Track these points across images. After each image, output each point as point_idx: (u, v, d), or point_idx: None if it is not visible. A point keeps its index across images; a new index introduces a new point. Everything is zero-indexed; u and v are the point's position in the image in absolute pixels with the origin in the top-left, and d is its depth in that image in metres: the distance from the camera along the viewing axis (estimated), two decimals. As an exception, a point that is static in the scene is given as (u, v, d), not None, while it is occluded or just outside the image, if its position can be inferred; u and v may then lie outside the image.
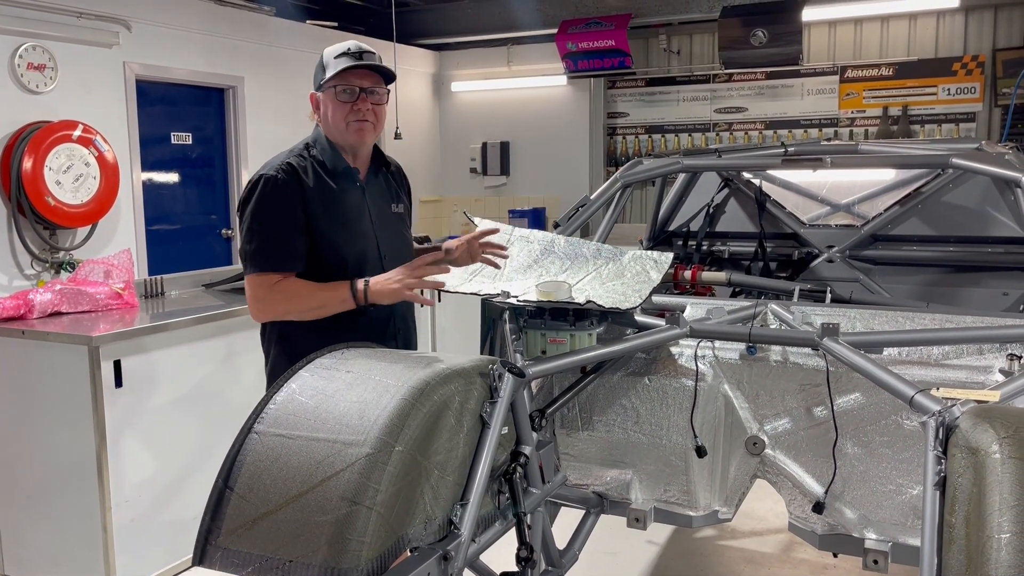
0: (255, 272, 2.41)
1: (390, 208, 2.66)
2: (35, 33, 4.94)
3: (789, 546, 4.08)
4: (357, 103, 2.46)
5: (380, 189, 2.65)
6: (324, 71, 2.48)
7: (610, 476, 2.77)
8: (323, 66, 2.49)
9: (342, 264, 2.46)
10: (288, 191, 2.40)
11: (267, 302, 2.42)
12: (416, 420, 1.88)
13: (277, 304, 2.42)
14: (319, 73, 2.51)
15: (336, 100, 2.47)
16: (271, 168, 2.44)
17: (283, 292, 2.40)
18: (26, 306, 3.77)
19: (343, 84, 2.46)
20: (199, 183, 6.46)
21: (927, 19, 7.29)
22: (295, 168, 2.44)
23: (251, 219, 2.42)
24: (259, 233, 2.40)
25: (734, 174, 4.26)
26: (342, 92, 2.46)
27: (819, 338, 2.37)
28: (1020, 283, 3.66)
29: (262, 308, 2.45)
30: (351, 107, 2.46)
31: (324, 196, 2.47)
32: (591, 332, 2.57)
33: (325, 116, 2.52)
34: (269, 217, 2.40)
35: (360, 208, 2.55)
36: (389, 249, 2.59)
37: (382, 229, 2.59)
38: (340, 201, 2.50)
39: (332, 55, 2.48)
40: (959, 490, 1.59)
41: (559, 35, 7.76)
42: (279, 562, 1.76)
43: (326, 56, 2.50)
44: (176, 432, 3.86)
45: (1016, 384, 2.02)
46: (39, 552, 3.75)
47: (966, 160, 3.00)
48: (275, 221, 2.40)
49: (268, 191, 2.40)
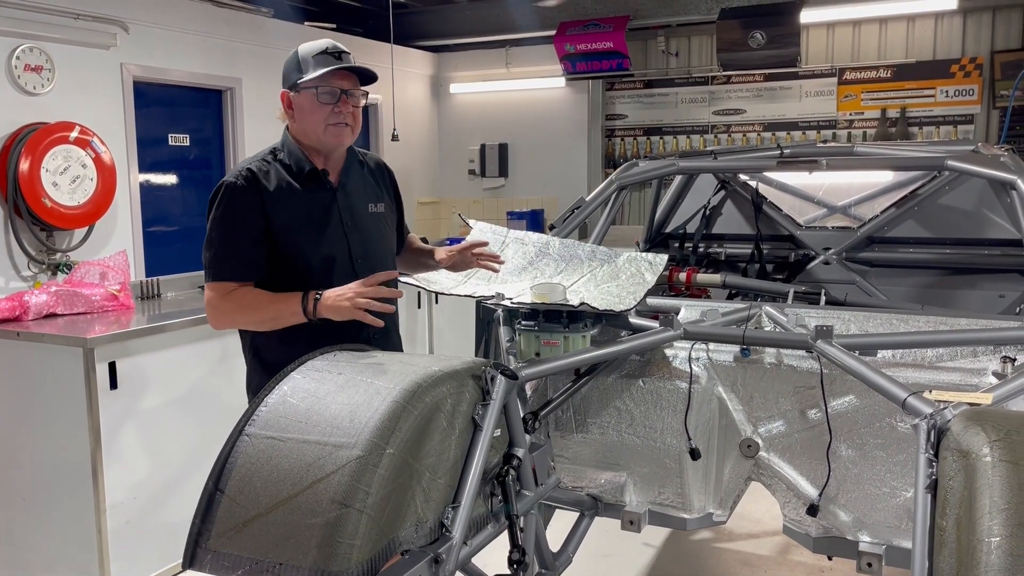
0: (210, 280, 2.39)
1: (366, 209, 2.58)
2: (32, 35, 4.93)
3: (786, 549, 4.08)
4: (338, 106, 2.41)
5: (355, 190, 2.57)
6: (300, 70, 2.42)
7: (604, 478, 2.77)
8: (299, 65, 2.43)
9: (307, 269, 2.41)
10: (246, 198, 2.37)
11: (221, 311, 2.39)
12: (407, 423, 1.88)
13: (230, 314, 2.39)
14: (293, 72, 2.44)
15: (316, 102, 2.41)
16: (232, 174, 2.41)
17: (237, 302, 2.36)
18: (21, 308, 3.77)
19: (325, 86, 2.40)
20: (197, 185, 6.45)
21: (925, 21, 7.29)
22: (255, 174, 2.40)
23: (210, 226, 2.40)
24: (216, 241, 2.38)
25: (731, 176, 4.25)
26: (324, 94, 2.40)
27: (813, 340, 2.36)
28: (1016, 285, 3.66)
29: (217, 317, 2.42)
30: (331, 109, 2.41)
31: (288, 200, 2.42)
32: (585, 334, 2.57)
33: (300, 117, 2.46)
34: (225, 225, 2.37)
35: (329, 211, 2.48)
36: (363, 252, 2.52)
37: (355, 232, 2.51)
38: (306, 204, 2.45)
39: (309, 53, 2.43)
40: (950, 493, 1.59)
41: (557, 37, 7.76)
42: (269, 565, 1.75)
43: (302, 54, 2.44)
44: (171, 434, 3.86)
45: (1009, 387, 2.02)
46: (34, 554, 3.74)
47: (961, 162, 3.00)
48: (231, 229, 2.37)
49: (227, 198, 2.38)
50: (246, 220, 2.37)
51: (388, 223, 2.67)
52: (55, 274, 4.98)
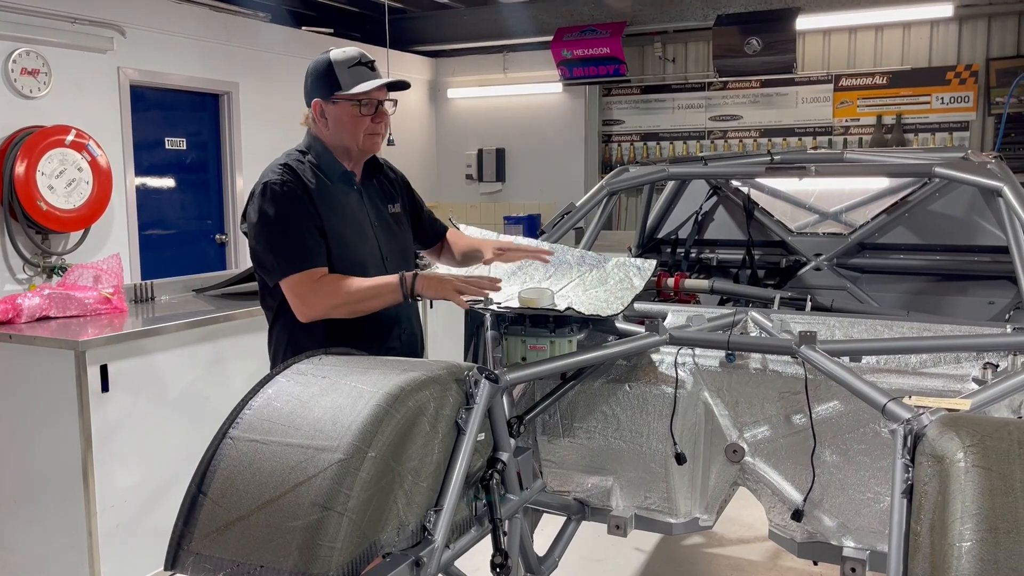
0: (293, 273, 2.36)
1: (387, 209, 2.67)
2: (29, 38, 4.96)
3: (776, 554, 4.08)
4: (377, 116, 2.49)
5: (376, 191, 2.66)
6: (337, 81, 2.45)
7: (591, 483, 2.77)
8: (334, 75, 2.45)
9: (349, 266, 2.45)
10: (297, 193, 2.40)
11: (316, 296, 2.36)
12: (390, 426, 1.89)
13: (327, 298, 2.36)
14: (327, 81, 2.47)
15: (357, 114, 2.47)
16: (273, 174, 2.43)
17: (331, 285, 2.36)
18: (14, 310, 3.78)
19: (367, 99, 2.47)
20: (193, 188, 6.48)
21: (921, 28, 7.32)
22: (296, 171, 2.44)
23: (267, 227, 2.38)
24: (282, 236, 2.37)
25: (723, 182, 4.27)
26: (365, 106, 2.47)
27: (797, 346, 2.37)
28: (1006, 292, 3.67)
29: (310, 304, 2.38)
30: (371, 120, 2.49)
31: (328, 200, 2.47)
32: (571, 339, 2.57)
33: (337, 126, 2.49)
34: (286, 219, 2.38)
35: (360, 211, 2.56)
36: (390, 250, 2.60)
37: (381, 231, 2.60)
38: (342, 204, 2.51)
39: (345, 65, 2.46)
40: (925, 498, 1.60)
41: (554, 42, 7.80)
42: (250, 567, 1.76)
43: (336, 64, 2.46)
44: (162, 437, 3.86)
45: (988, 393, 2.03)
46: (24, 557, 3.75)
47: (948, 169, 3.01)
48: (294, 221, 2.38)
49: (278, 196, 2.39)
50: (303, 213, 2.39)
51: (406, 222, 2.75)
52: (50, 277, 5.01)
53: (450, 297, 2.37)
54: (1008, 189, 2.86)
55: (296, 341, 2.50)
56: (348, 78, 2.45)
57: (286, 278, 2.38)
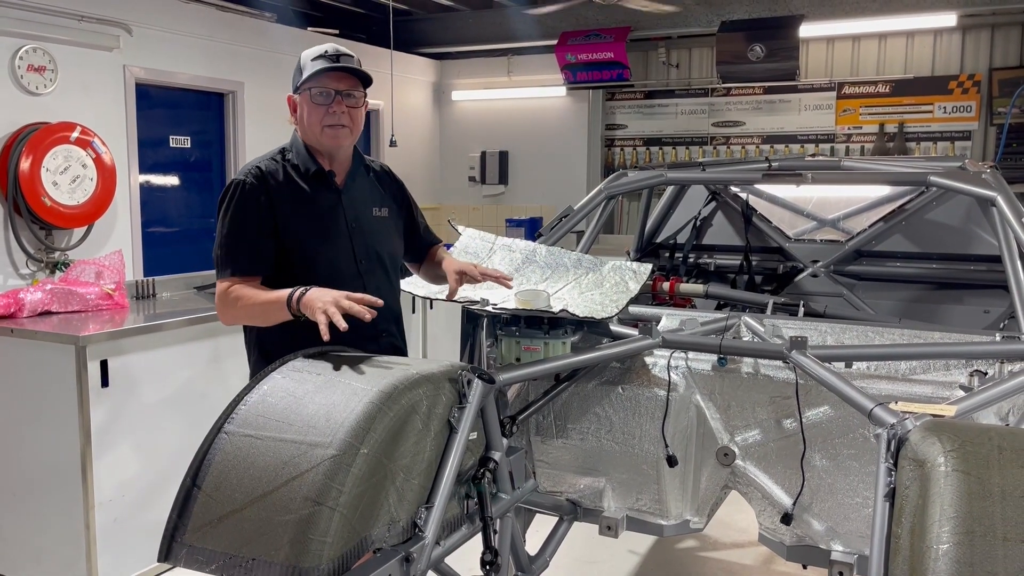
0: (219, 277, 2.44)
1: (371, 212, 2.62)
2: (36, 35, 4.99)
3: (769, 559, 4.10)
4: (332, 106, 2.45)
5: (361, 193, 2.62)
6: (301, 73, 2.49)
7: (583, 484, 2.80)
8: (300, 68, 2.50)
9: (311, 268, 2.44)
10: (254, 194, 2.42)
11: (222, 305, 2.43)
12: (382, 423, 1.92)
13: (228, 308, 2.41)
14: (296, 75, 2.51)
15: (311, 103, 2.46)
16: (241, 173, 2.47)
17: (233, 295, 2.39)
18: (16, 305, 3.81)
19: (318, 87, 2.45)
20: (197, 187, 6.50)
21: (924, 37, 7.33)
22: (263, 172, 2.46)
23: (220, 223, 2.45)
24: (224, 237, 2.43)
25: (721, 188, 4.29)
26: (318, 95, 2.45)
27: (788, 351, 2.40)
28: (1001, 301, 3.68)
29: (223, 312, 2.45)
30: (326, 110, 2.45)
31: (294, 199, 2.47)
32: (565, 340, 2.60)
33: (301, 119, 2.52)
34: (233, 221, 2.42)
35: (335, 212, 2.53)
36: (366, 254, 2.56)
37: (359, 233, 2.55)
38: (312, 204, 2.50)
39: (309, 57, 2.49)
40: (906, 501, 1.62)
41: (558, 46, 7.82)
42: (242, 560, 1.79)
43: (303, 58, 2.51)
44: (161, 433, 3.90)
45: (973, 400, 2.05)
46: (22, 549, 3.78)
47: (944, 178, 3.04)
48: (239, 225, 2.42)
49: (236, 196, 2.43)
50: (254, 216, 2.42)
51: (394, 228, 2.71)
52: (53, 272, 5.03)
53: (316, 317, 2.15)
54: (1002, 199, 2.88)
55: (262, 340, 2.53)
56: (309, 68, 2.46)
57: (216, 280, 2.45)
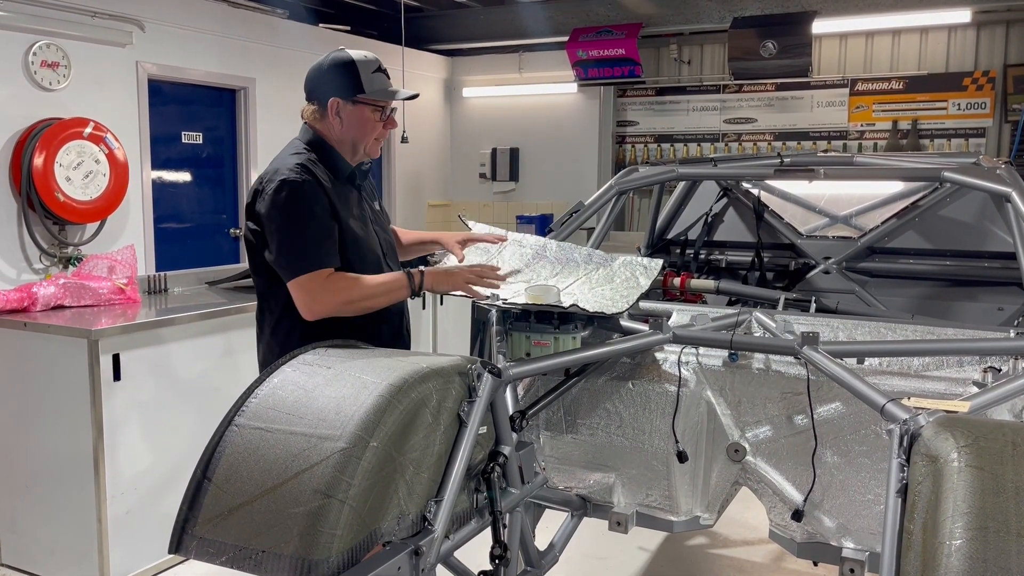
0: (304, 272, 2.38)
1: (376, 205, 2.75)
2: (49, 31, 5.02)
3: (779, 556, 4.09)
4: (387, 124, 2.59)
5: (368, 190, 2.73)
6: (359, 82, 2.49)
7: (593, 479, 2.80)
8: (358, 76, 2.50)
9: (361, 264, 2.51)
10: (314, 191, 2.43)
11: (326, 293, 2.38)
12: (392, 417, 1.92)
13: (338, 295, 2.39)
14: (349, 81, 2.50)
15: (374, 118, 2.55)
16: (288, 172, 2.43)
17: (342, 282, 2.40)
18: (29, 299, 3.84)
19: (382, 105, 2.57)
20: (209, 182, 6.53)
21: (938, 34, 7.28)
22: (310, 170, 2.46)
23: (287, 224, 2.40)
24: (300, 234, 2.40)
25: (733, 184, 4.28)
26: (380, 112, 2.57)
27: (799, 347, 2.38)
28: (1016, 298, 3.66)
29: (321, 301, 2.39)
30: (383, 126, 2.58)
31: (338, 196, 2.51)
32: (575, 336, 2.59)
33: (351, 127, 2.54)
34: (303, 217, 2.41)
35: (361, 207, 2.62)
36: (388, 246, 2.68)
37: (378, 226, 2.68)
38: (347, 200, 2.56)
39: (368, 68, 2.51)
40: (919, 497, 1.61)
41: (570, 43, 7.80)
42: (252, 552, 1.80)
43: (360, 66, 2.51)
44: (172, 426, 3.91)
45: (987, 396, 2.04)
46: (35, 542, 3.81)
47: (957, 174, 3.01)
48: (310, 220, 2.42)
49: (297, 195, 2.40)
50: (320, 211, 2.44)
51: (386, 218, 2.84)
52: (66, 267, 5.06)
53: (462, 289, 2.47)
54: (1017, 195, 2.86)
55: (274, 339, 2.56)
56: (370, 82, 2.51)
57: (297, 279, 2.39)
